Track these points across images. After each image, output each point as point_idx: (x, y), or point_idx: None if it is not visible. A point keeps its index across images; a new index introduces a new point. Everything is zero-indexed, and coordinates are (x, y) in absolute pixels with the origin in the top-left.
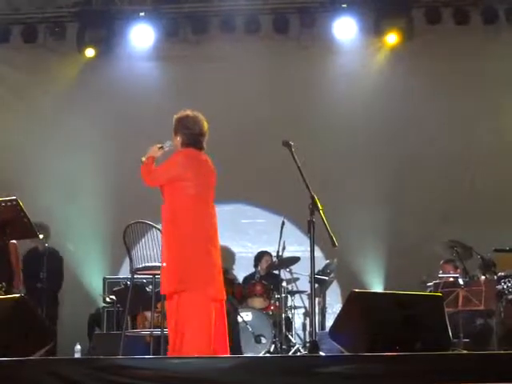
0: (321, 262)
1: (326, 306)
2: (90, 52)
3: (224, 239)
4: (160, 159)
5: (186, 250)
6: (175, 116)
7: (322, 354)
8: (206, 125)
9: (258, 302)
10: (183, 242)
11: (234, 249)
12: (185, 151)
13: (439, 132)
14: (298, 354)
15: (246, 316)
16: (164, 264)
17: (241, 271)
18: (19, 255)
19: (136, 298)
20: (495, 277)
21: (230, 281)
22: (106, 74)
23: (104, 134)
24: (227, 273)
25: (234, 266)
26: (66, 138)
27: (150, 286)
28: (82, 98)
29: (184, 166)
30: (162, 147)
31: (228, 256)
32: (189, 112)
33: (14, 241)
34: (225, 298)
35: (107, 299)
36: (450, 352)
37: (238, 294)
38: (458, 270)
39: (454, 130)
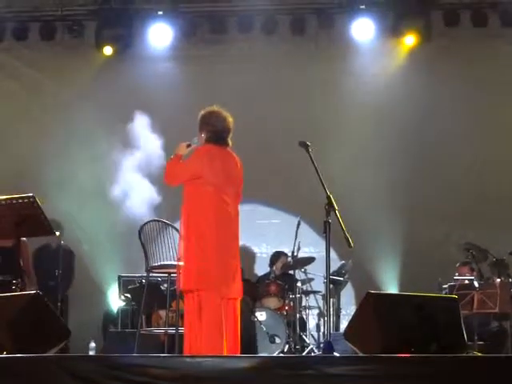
0: (335, 262)
1: (341, 307)
2: (107, 50)
3: (240, 239)
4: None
5: (200, 249)
6: (200, 112)
7: (336, 354)
8: (230, 121)
9: (272, 302)
10: (198, 240)
11: (250, 249)
12: (205, 148)
13: (456, 134)
14: (313, 354)
15: (260, 316)
16: (181, 263)
17: (256, 271)
18: (29, 254)
19: (151, 296)
20: (510, 280)
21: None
22: (124, 73)
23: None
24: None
25: (250, 266)
26: (83, 137)
27: (165, 285)
28: (100, 97)
29: (202, 163)
30: (189, 144)
31: (247, 256)
32: (213, 108)
33: (24, 238)
34: (240, 296)
35: (122, 297)
36: (465, 355)
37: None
38: (474, 273)
39: (471, 132)
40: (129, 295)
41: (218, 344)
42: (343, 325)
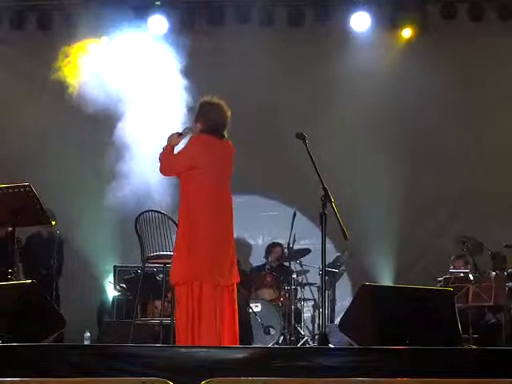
0: (332, 254)
1: (336, 298)
2: (105, 40)
3: (236, 231)
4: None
5: (195, 240)
6: (198, 102)
7: (331, 346)
8: (228, 114)
9: (267, 294)
10: (195, 232)
11: (246, 240)
12: (199, 137)
13: (453, 127)
14: (307, 345)
15: (255, 307)
16: (173, 253)
17: (251, 262)
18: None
19: (146, 286)
20: (505, 273)
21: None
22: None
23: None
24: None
25: (246, 257)
26: (80, 125)
27: (161, 275)
28: (97, 88)
29: (196, 153)
30: (181, 134)
31: (243, 247)
32: (213, 100)
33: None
34: (237, 280)
35: (117, 287)
36: (460, 347)
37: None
38: (469, 266)
39: (468, 125)
40: (124, 285)
41: (214, 336)
42: (338, 316)
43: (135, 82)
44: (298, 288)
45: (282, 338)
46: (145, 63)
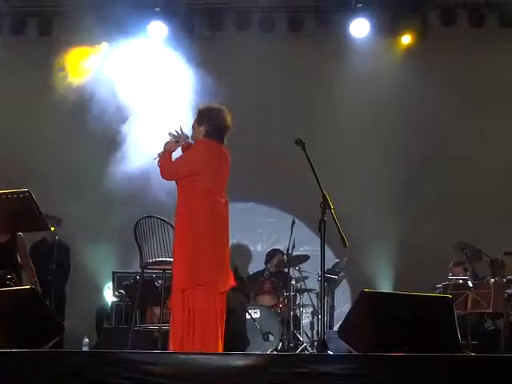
0: (331, 260)
1: (335, 305)
2: (105, 46)
3: (235, 237)
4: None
5: (196, 246)
6: (200, 106)
7: (330, 352)
8: (230, 119)
9: (266, 300)
10: (194, 237)
11: (245, 247)
12: (205, 143)
13: (452, 133)
14: (306, 352)
15: (254, 313)
16: (173, 259)
17: (250, 269)
18: (25, 247)
19: (145, 292)
20: (504, 280)
21: (238, 278)
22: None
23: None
24: (236, 270)
25: (246, 264)
26: (81, 130)
27: (160, 281)
28: (97, 93)
29: (201, 159)
30: (177, 141)
31: (242, 253)
32: (215, 104)
33: (19, 232)
34: (228, 288)
35: (116, 293)
36: (459, 354)
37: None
38: (468, 273)
39: (468, 131)
40: (123, 291)
41: (213, 342)
42: (337, 323)
43: (136, 86)
44: (297, 294)
45: (280, 344)
46: (144, 69)
